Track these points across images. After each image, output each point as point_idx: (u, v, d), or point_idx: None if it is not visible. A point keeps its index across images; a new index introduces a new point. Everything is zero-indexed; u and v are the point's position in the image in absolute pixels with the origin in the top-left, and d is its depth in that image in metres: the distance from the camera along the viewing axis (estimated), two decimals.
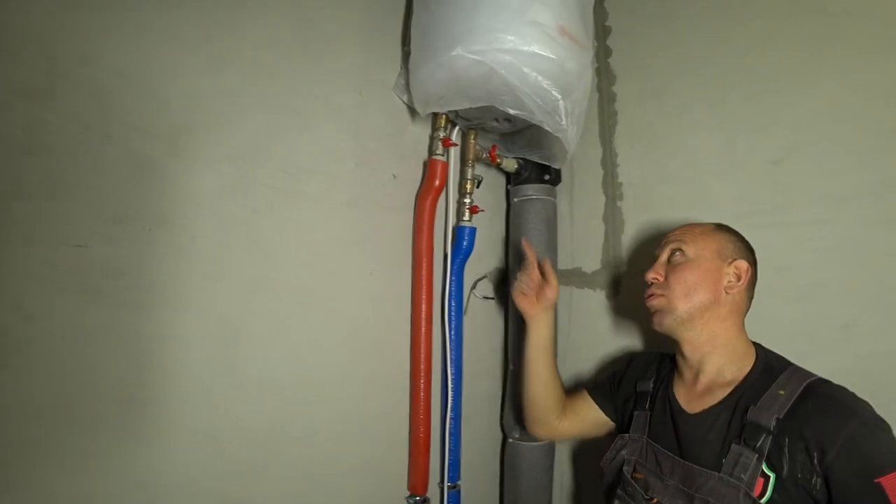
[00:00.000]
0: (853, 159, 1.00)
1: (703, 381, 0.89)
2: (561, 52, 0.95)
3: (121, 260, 0.77)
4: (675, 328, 0.91)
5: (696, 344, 0.90)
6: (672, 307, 0.90)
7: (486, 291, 1.39)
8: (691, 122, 1.23)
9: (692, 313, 0.88)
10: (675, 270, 0.91)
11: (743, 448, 0.77)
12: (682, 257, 0.92)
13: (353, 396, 1.08)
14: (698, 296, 0.88)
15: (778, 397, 0.79)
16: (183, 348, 0.84)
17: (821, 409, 0.75)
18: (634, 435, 0.95)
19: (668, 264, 0.94)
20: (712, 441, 0.82)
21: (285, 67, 0.99)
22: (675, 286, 0.90)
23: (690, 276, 0.89)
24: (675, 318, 0.89)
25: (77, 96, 0.74)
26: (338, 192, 1.06)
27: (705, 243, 0.92)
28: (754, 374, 0.85)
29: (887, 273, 0.96)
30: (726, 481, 0.76)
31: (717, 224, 0.96)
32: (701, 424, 0.85)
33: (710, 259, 0.90)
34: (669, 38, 1.28)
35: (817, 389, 0.78)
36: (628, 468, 0.92)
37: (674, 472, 0.85)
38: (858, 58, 1.00)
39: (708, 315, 0.88)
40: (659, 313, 0.92)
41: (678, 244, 0.93)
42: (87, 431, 0.74)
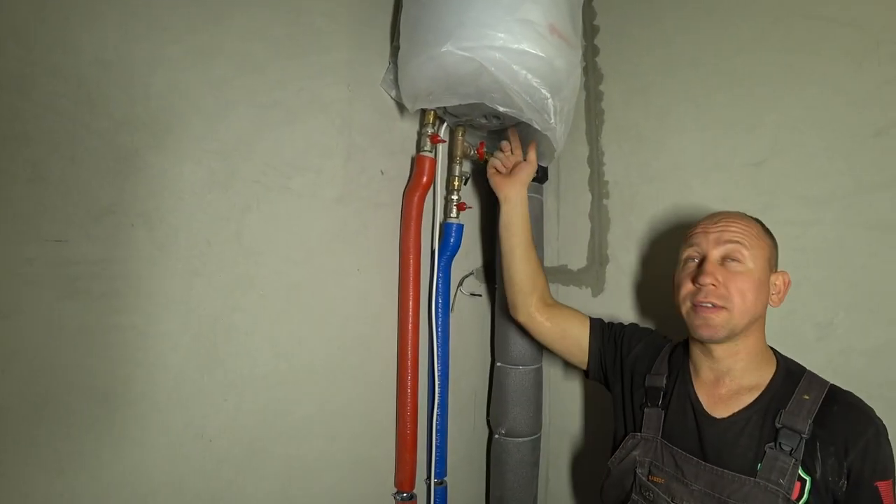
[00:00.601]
0: (832, 162, 1.02)
1: (728, 384, 0.87)
2: (550, 50, 0.95)
3: (101, 255, 0.76)
4: (726, 340, 0.85)
5: (733, 352, 0.86)
6: (733, 323, 0.82)
7: (473, 288, 1.40)
8: (677, 123, 1.24)
9: (745, 327, 0.83)
10: (736, 280, 0.83)
11: (779, 452, 0.77)
12: (741, 265, 0.84)
13: (341, 393, 1.08)
14: (755, 309, 0.83)
15: (804, 402, 0.79)
16: (167, 345, 0.82)
17: (846, 414, 0.77)
18: (647, 434, 0.91)
19: (721, 267, 0.85)
20: (744, 446, 0.80)
21: (273, 61, 0.97)
22: (736, 299, 0.82)
23: (751, 289, 0.82)
24: (729, 331, 0.83)
25: (55, 85, 0.72)
26: (325, 187, 1.05)
27: (761, 250, 0.85)
28: (777, 379, 0.84)
29: (863, 273, 0.98)
30: (763, 486, 0.76)
31: (762, 224, 0.90)
32: (730, 429, 0.83)
33: (764, 269, 0.85)
34: (657, 39, 1.29)
35: (839, 395, 0.80)
36: (642, 470, 0.89)
37: (699, 476, 0.82)
38: (839, 63, 1.03)
39: (753, 327, 0.85)
40: (715, 328, 0.83)
41: (737, 247, 0.84)
42: (67, 431, 0.73)
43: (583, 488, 1.36)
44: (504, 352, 1.31)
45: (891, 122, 0.97)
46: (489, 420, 1.39)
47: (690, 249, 0.89)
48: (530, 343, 1.30)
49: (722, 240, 0.85)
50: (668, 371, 0.96)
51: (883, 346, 0.96)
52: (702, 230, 0.89)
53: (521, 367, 1.30)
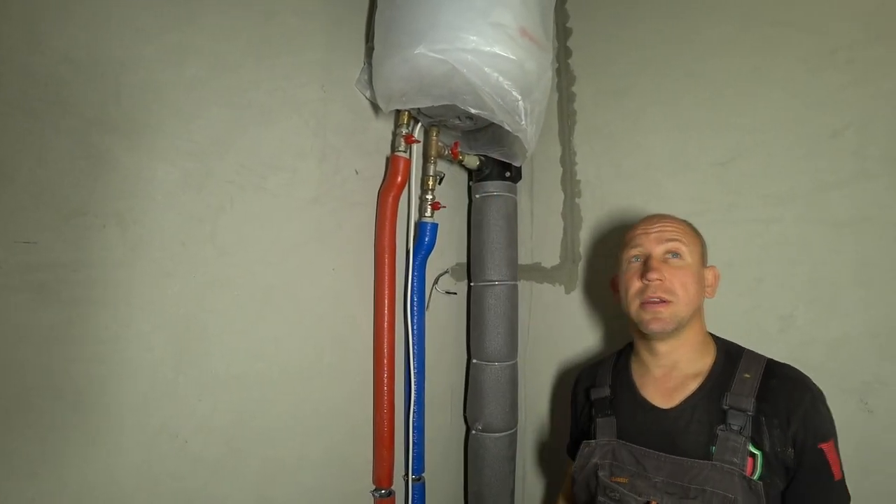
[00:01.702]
0: (793, 162, 1.06)
1: (675, 376, 0.90)
2: (521, 52, 0.97)
3: (72, 257, 0.75)
4: (672, 333, 0.89)
5: (677, 345, 0.91)
6: (678, 315, 0.87)
7: (448, 286, 1.41)
8: (647, 124, 1.27)
9: (688, 319, 0.88)
10: (678, 275, 0.88)
11: (729, 433, 0.80)
12: (681, 260, 0.89)
13: (317, 392, 1.08)
14: (696, 302, 0.89)
15: (746, 380, 0.83)
16: (141, 347, 0.82)
17: (784, 386, 0.82)
18: (602, 440, 0.93)
19: (665, 264, 0.89)
20: (695, 431, 0.83)
21: (247, 61, 0.97)
22: (680, 292, 0.87)
23: (692, 283, 0.88)
24: (675, 324, 0.87)
25: (23, 84, 0.71)
26: (300, 188, 1.06)
27: (696, 246, 0.92)
28: (718, 363, 0.89)
29: (822, 268, 1.03)
30: (720, 467, 0.78)
31: (691, 224, 0.96)
32: (680, 417, 0.86)
33: (699, 263, 0.91)
34: (629, 42, 1.32)
35: (776, 369, 0.85)
36: (604, 473, 0.90)
37: (660, 469, 0.84)
38: (799, 67, 1.07)
39: (693, 319, 0.90)
40: (662, 321, 0.87)
41: (677, 244, 0.90)
42: (38, 435, 0.72)
43: (559, 482, 1.39)
44: (479, 349, 1.33)
45: (846, 125, 1.01)
46: (466, 416, 1.41)
47: (633, 250, 0.94)
48: (505, 340, 1.32)
49: (663, 238, 0.91)
50: (610, 380, 1.00)
51: (840, 338, 1.00)
52: (642, 231, 0.94)
53: (496, 363, 1.32)
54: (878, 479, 0.94)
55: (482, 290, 1.34)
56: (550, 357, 1.41)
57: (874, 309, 0.97)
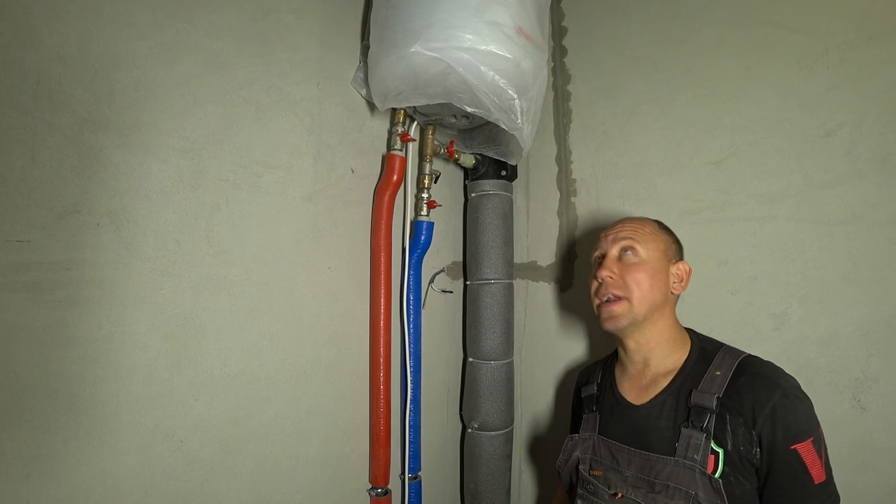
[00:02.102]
0: (785, 162, 1.07)
1: (648, 373, 0.92)
2: (517, 51, 0.97)
3: (66, 256, 0.74)
4: (629, 329, 0.92)
5: (643, 342, 0.93)
6: (632, 311, 0.90)
7: (444, 285, 1.41)
8: (641, 123, 1.28)
9: (646, 315, 0.90)
10: (630, 271, 0.91)
11: (692, 430, 0.81)
12: (634, 257, 0.92)
13: (313, 391, 1.08)
14: (652, 297, 0.90)
15: (716, 378, 0.84)
16: (136, 346, 0.81)
17: (751, 383, 0.81)
18: (584, 434, 0.97)
19: (619, 262, 0.93)
20: (662, 427, 0.85)
21: (241, 58, 0.97)
22: (633, 288, 0.90)
23: (646, 278, 0.90)
24: (631, 320, 0.90)
25: (14, 81, 0.70)
26: (295, 186, 1.05)
27: (655, 244, 0.93)
28: (691, 359, 0.90)
29: (814, 266, 1.04)
30: (682, 463, 0.80)
31: (657, 222, 0.98)
32: (650, 413, 0.88)
33: (660, 260, 0.92)
34: (623, 41, 1.33)
35: (747, 366, 0.84)
36: (584, 467, 0.94)
37: (631, 462, 0.87)
38: (792, 68, 1.08)
39: (656, 315, 0.91)
40: (616, 318, 0.91)
41: (630, 242, 0.93)
42: (32, 435, 0.71)
43: (554, 479, 1.40)
44: (475, 347, 1.34)
45: (839, 124, 1.02)
46: (462, 414, 1.41)
47: (595, 252, 0.99)
48: (501, 338, 1.33)
49: (618, 238, 0.95)
50: (599, 379, 1.03)
51: (832, 335, 1.01)
52: (603, 235, 0.98)
53: (492, 361, 1.32)
54: (871, 476, 0.96)
55: (478, 289, 1.34)
56: (546, 355, 1.41)
57: (865, 306, 0.98)
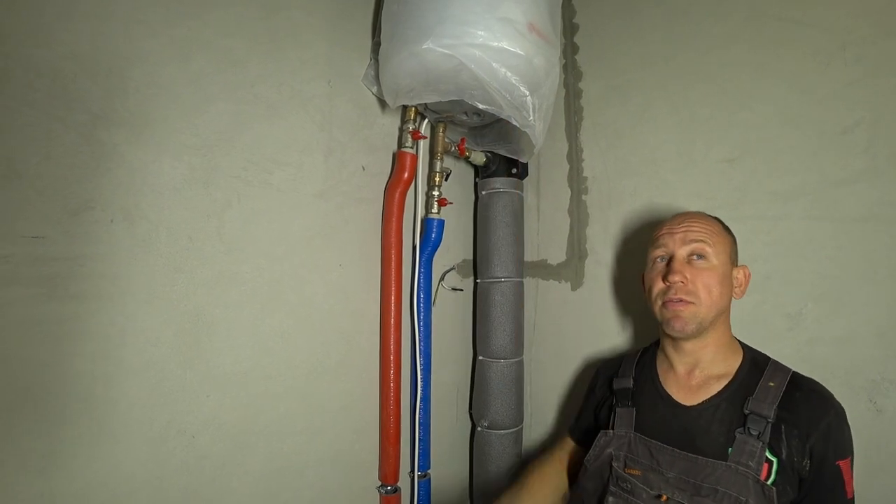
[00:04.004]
0: (801, 159, 1.06)
1: (698, 375, 0.91)
2: (529, 48, 0.96)
3: (80, 252, 0.75)
4: (696, 333, 0.89)
5: (700, 345, 0.91)
6: (700, 316, 0.87)
7: (455, 283, 1.41)
8: (653, 120, 1.27)
9: (713, 320, 0.88)
10: (701, 276, 0.88)
11: (747, 437, 0.81)
12: (706, 262, 0.89)
13: (324, 388, 1.08)
14: (721, 303, 0.89)
15: (770, 389, 0.84)
16: (149, 342, 0.82)
17: (807, 399, 0.82)
18: (619, 431, 0.94)
19: (688, 264, 0.90)
20: (715, 432, 0.84)
21: (252, 55, 0.97)
22: (703, 294, 0.87)
23: (715, 282, 0.88)
24: (699, 325, 0.88)
25: (29, 79, 0.71)
26: (306, 183, 1.05)
27: (723, 246, 0.91)
28: (744, 367, 0.89)
29: (830, 265, 1.02)
30: (734, 469, 0.79)
31: (721, 222, 0.95)
32: (701, 415, 0.87)
33: (727, 264, 0.90)
34: (633, 38, 1.31)
35: (802, 383, 0.85)
36: (618, 464, 0.91)
37: (674, 464, 0.85)
38: (807, 64, 1.06)
39: (719, 319, 0.90)
40: (684, 321, 0.88)
41: (701, 245, 0.89)
42: (47, 430, 0.72)
43: None
44: (485, 346, 1.33)
45: (856, 121, 1.01)
46: (471, 413, 1.41)
47: (658, 250, 0.94)
48: (511, 337, 1.32)
49: (687, 239, 0.90)
50: (634, 372, 1.00)
51: (848, 336, 0.99)
52: (667, 231, 0.94)
53: (502, 360, 1.31)
54: (886, 480, 0.94)
55: (488, 287, 1.34)
56: (556, 354, 1.41)
57: (883, 307, 0.97)
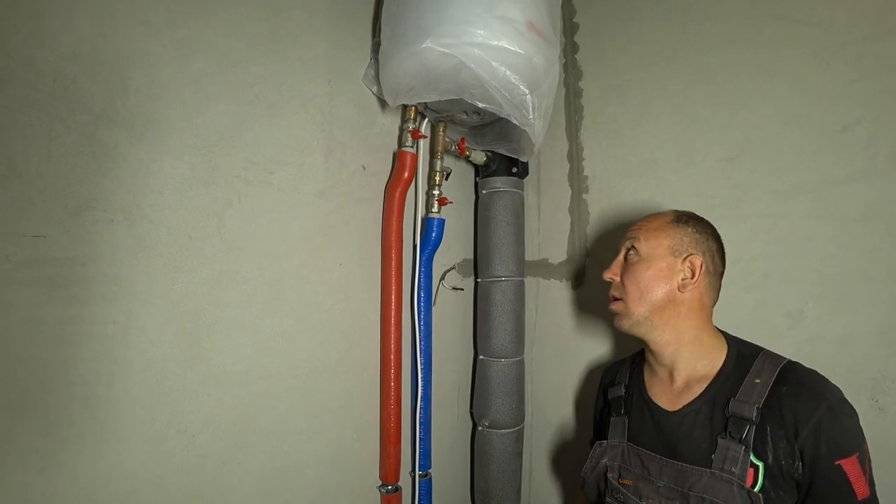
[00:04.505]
0: (801, 158, 1.06)
1: (678, 378, 0.88)
2: (529, 47, 0.96)
3: (81, 251, 0.75)
4: (636, 330, 0.89)
5: (662, 343, 0.88)
6: (628, 311, 0.88)
7: (455, 282, 1.41)
8: (653, 119, 1.27)
9: (648, 315, 0.87)
10: (629, 271, 0.89)
11: (729, 441, 0.77)
12: (635, 256, 0.89)
13: (324, 388, 1.08)
14: (651, 297, 0.86)
15: (755, 386, 0.79)
16: (149, 341, 0.82)
17: (794, 393, 0.76)
18: (613, 441, 0.93)
19: (624, 263, 0.91)
20: (697, 437, 0.81)
21: (253, 55, 0.97)
22: (630, 288, 0.88)
23: (643, 276, 0.87)
24: (632, 321, 0.88)
25: (30, 79, 0.71)
26: (307, 183, 1.06)
27: (658, 240, 0.89)
28: (728, 365, 0.84)
29: (830, 264, 1.02)
30: (718, 476, 0.76)
31: (677, 215, 0.92)
32: (683, 421, 0.83)
33: (663, 257, 0.87)
34: (634, 37, 1.31)
35: (789, 375, 0.79)
36: (613, 475, 0.90)
37: (663, 473, 0.83)
38: (808, 63, 1.06)
39: (667, 315, 0.86)
40: (617, 317, 0.90)
41: (632, 241, 0.91)
42: (47, 429, 0.72)
43: (565, 478, 1.39)
44: (486, 345, 1.33)
45: (856, 120, 1.00)
46: (472, 412, 1.41)
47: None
48: (512, 336, 1.32)
49: (625, 238, 0.94)
50: (627, 380, 0.99)
51: (849, 334, 0.99)
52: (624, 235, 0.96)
53: (503, 359, 1.31)
54: (889, 479, 0.93)
55: (489, 286, 1.34)
56: (557, 353, 1.41)
57: (883, 305, 0.96)
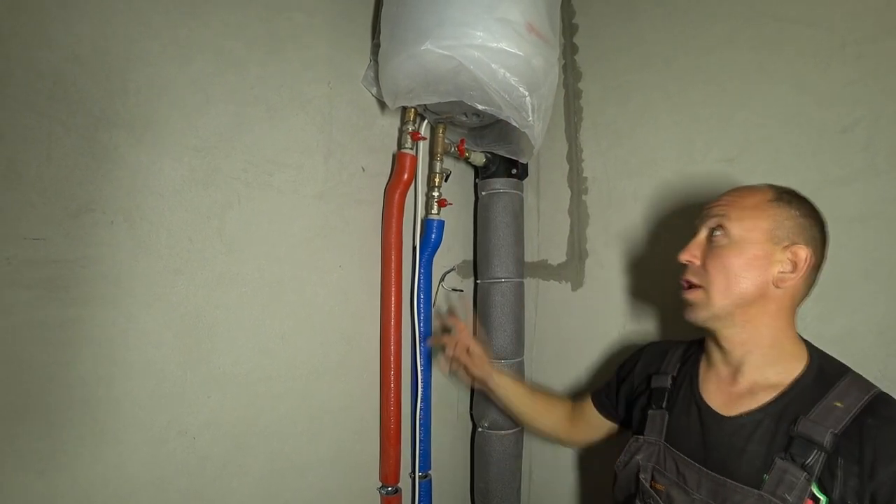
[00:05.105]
0: (801, 158, 1.06)
1: (742, 381, 0.77)
2: (528, 48, 0.97)
3: (81, 253, 0.75)
4: (711, 324, 0.78)
5: (735, 341, 0.77)
6: (710, 302, 0.76)
7: (455, 283, 1.41)
8: (653, 120, 1.27)
9: (731, 310, 0.75)
10: (715, 254, 0.76)
11: (789, 464, 0.67)
12: (724, 238, 0.76)
13: (324, 389, 1.08)
14: (740, 288, 0.74)
15: (834, 410, 0.68)
16: (149, 343, 0.82)
17: (881, 430, 0.65)
18: (650, 437, 0.83)
19: (707, 244, 0.78)
20: (751, 452, 0.71)
21: (253, 57, 0.97)
22: (715, 275, 0.75)
23: (733, 263, 0.74)
24: (710, 314, 0.76)
25: (30, 81, 0.71)
26: (306, 184, 1.06)
27: (756, 221, 0.75)
28: (806, 378, 0.73)
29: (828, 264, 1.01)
30: (768, 500, 0.66)
31: (777, 192, 0.79)
32: (738, 431, 0.73)
33: (759, 242, 0.74)
34: (633, 38, 1.31)
35: (881, 408, 0.67)
36: (645, 476, 0.81)
37: (701, 484, 0.73)
38: (807, 63, 1.06)
39: (753, 311, 0.75)
40: (693, 307, 0.78)
41: (720, 219, 0.77)
42: (47, 431, 0.72)
43: (565, 479, 1.39)
44: (486, 346, 1.33)
45: (855, 120, 1.01)
46: (472, 413, 1.41)
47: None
48: (512, 337, 1.32)
49: (709, 215, 0.80)
50: (676, 371, 0.89)
51: (848, 334, 0.99)
52: (705, 210, 0.83)
53: (502, 360, 1.31)
54: None
55: (488, 288, 1.34)
56: (557, 354, 1.41)
57: (882, 305, 0.96)
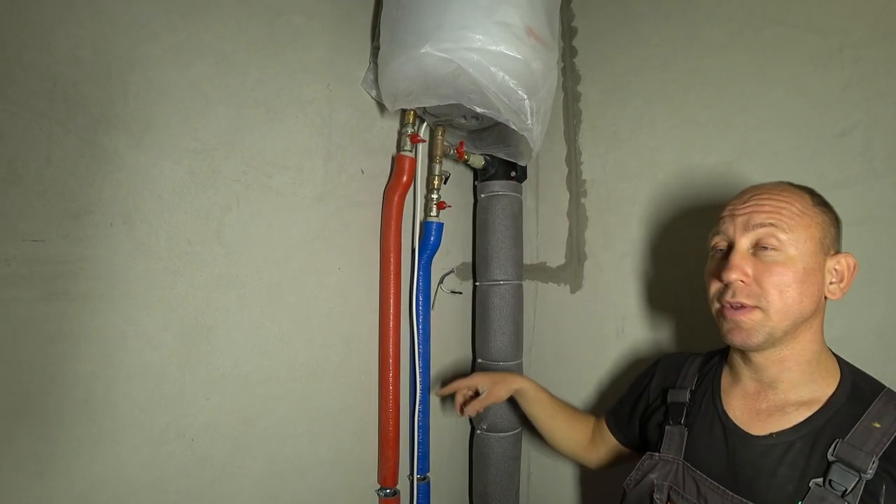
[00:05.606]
0: (799, 162, 1.06)
1: (773, 397, 0.72)
2: (527, 52, 0.97)
3: (80, 255, 0.75)
4: (764, 347, 0.69)
5: (775, 359, 0.70)
6: (769, 325, 0.67)
7: (454, 286, 1.41)
8: (651, 123, 1.27)
9: (789, 331, 0.68)
10: (771, 270, 0.67)
11: (826, 492, 0.61)
12: (778, 253, 0.67)
13: (323, 391, 1.08)
14: (801, 307, 0.67)
15: (873, 431, 0.62)
16: (148, 345, 0.82)
17: None
18: (667, 455, 0.77)
19: (753, 257, 0.69)
20: (782, 476, 0.65)
21: (252, 59, 0.97)
22: (773, 294, 0.66)
23: (791, 280, 0.66)
24: (768, 337, 0.68)
25: (30, 83, 0.72)
26: (306, 186, 1.06)
27: (808, 230, 0.67)
28: (839, 396, 0.68)
29: None
30: None
31: (812, 194, 0.71)
32: (768, 453, 0.68)
33: (815, 254, 0.67)
34: (632, 41, 1.32)
35: None
36: (660, 496, 0.75)
37: None
38: (805, 67, 1.07)
39: (802, 328, 0.68)
40: (746, 332, 0.68)
41: (771, 231, 0.67)
42: (46, 433, 0.72)
43: (564, 482, 1.39)
44: (484, 349, 1.33)
45: (853, 124, 1.01)
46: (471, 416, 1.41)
47: (717, 238, 0.74)
48: (510, 339, 1.32)
49: (752, 223, 0.69)
50: (694, 385, 0.83)
51: (846, 337, 0.99)
52: (729, 212, 0.73)
53: (501, 363, 1.32)
54: None
55: (487, 290, 1.34)
56: (556, 357, 1.41)
57: (880, 308, 0.97)
